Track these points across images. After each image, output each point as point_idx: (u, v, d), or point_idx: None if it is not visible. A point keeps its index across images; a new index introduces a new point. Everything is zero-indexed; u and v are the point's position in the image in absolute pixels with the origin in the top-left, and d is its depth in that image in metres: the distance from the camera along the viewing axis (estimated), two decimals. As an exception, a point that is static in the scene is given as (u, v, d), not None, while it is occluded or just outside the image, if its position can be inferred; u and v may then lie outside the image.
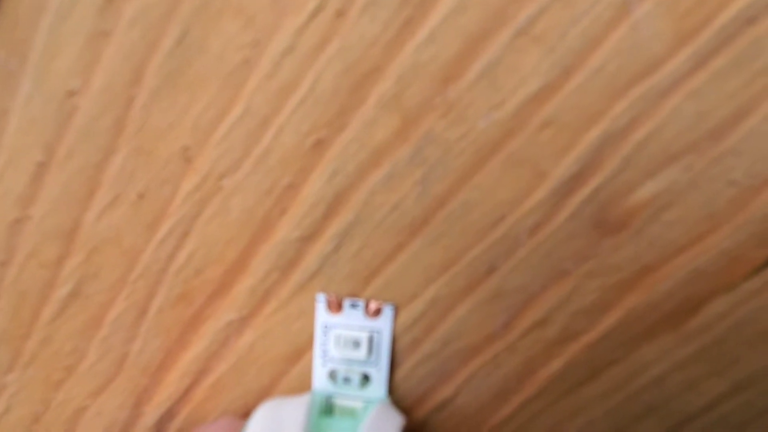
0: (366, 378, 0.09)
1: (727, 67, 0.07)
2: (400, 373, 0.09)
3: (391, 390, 0.09)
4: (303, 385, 0.09)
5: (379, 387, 0.09)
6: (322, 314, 0.09)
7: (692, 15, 0.07)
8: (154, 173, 0.08)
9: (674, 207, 0.08)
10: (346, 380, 0.09)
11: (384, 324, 0.09)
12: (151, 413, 0.10)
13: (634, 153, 0.07)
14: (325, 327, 0.09)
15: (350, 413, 0.09)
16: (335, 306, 0.09)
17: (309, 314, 0.09)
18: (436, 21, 0.07)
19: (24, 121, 0.09)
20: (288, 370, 0.09)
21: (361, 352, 0.09)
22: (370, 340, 0.09)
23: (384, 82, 0.07)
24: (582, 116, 0.07)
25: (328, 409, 0.09)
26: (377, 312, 0.09)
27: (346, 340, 0.09)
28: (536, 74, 0.07)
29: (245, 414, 0.09)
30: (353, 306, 0.09)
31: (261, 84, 0.08)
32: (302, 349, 0.09)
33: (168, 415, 0.10)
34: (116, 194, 0.09)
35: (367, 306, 0.09)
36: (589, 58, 0.07)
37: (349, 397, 0.09)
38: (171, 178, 0.08)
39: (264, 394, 0.09)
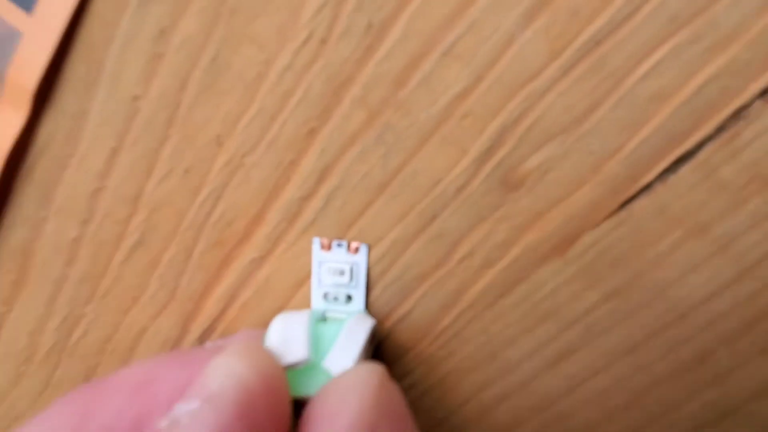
0: (349, 297, 0.12)
1: (584, 74, 0.10)
2: (373, 294, 0.12)
3: (367, 306, 0.12)
4: (305, 305, 0.12)
5: (358, 304, 0.12)
6: (317, 253, 0.11)
7: (559, 39, 0.09)
8: (195, 154, 0.11)
9: (553, 171, 0.10)
10: (335, 299, 0.11)
11: (361, 258, 0.11)
12: (195, 330, 0.13)
13: (524, 134, 0.10)
14: (320, 262, 0.11)
15: (338, 321, 0.11)
16: (326, 246, 0.11)
17: (308, 253, 0.12)
18: (389, 45, 0.10)
19: (100, 118, 0.11)
20: (294, 294, 0.12)
21: (345, 279, 0.11)
22: (351, 270, 0.11)
23: (354, 88, 0.10)
24: (489, 109, 0.10)
25: (322, 319, 0.12)
26: (356, 250, 0.11)
27: (334, 270, 0.11)
28: (457, 81, 0.10)
29: (265, 326, 0.12)
30: (339, 246, 0.11)
31: (270, 90, 0.10)
32: (304, 278, 0.12)
33: (208, 331, 0.13)
34: (169, 169, 0.11)
35: (348, 246, 0.11)
36: (493, 69, 0.10)
37: (337, 312, 0.12)
38: (208, 157, 0.11)
39: (278, 311, 0.12)
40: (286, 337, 0.10)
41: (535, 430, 0.13)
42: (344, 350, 0.10)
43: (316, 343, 0.10)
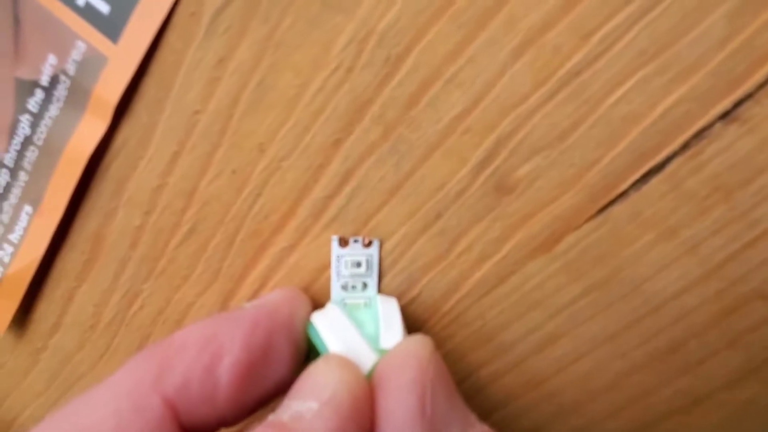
0: (365, 285, 0.13)
1: (565, 99, 0.11)
2: (385, 281, 0.13)
3: (380, 292, 0.13)
4: (327, 286, 0.13)
5: (373, 290, 0.13)
6: (335, 249, 0.12)
7: (544, 70, 0.11)
8: (242, 158, 0.12)
9: (541, 179, 0.11)
10: (353, 287, 0.13)
11: (374, 251, 0.12)
12: (233, 306, 0.15)
13: (515, 147, 0.11)
14: (338, 257, 0.13)
15: (357, 306, 0.13)
16: (344, 243, 0.13)
17: (330, 244, 0.13)
18: (402, 74, 0.11)
19: (166, 128, 0.13)
20: (318, 278, 0.13)
21: (362, 269, 0.12)
22: (367, 262, 0.13)
23: (374, 107, 0.11)
24: (486, 126, 0.11)
25: (344, 306, 0.12)
26: (370, 244, 0.12)
27: (352, 263, 0.12)
28: (459, 103, 0.11)
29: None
30: (355, 241, 0.12)
31: (304, 108, 0.12)
32: (326, 265, 0.13)
33: (244, 308, 0.15)
34: (219, 170, 0.13)
35: (363, 241, 0.12)
36: (488, 94, 0.11)
37: (355, 298, 0.13)
38: (252, 161, 0.12)
39: (304, 292, 0.13)
40: (348, 345, 0.10)
41: (526, 405, 0.14)
42: (390, 329, 0.11)
43: (360, 327, 0.11)
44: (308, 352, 0.12)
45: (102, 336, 0.16)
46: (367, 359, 0.11)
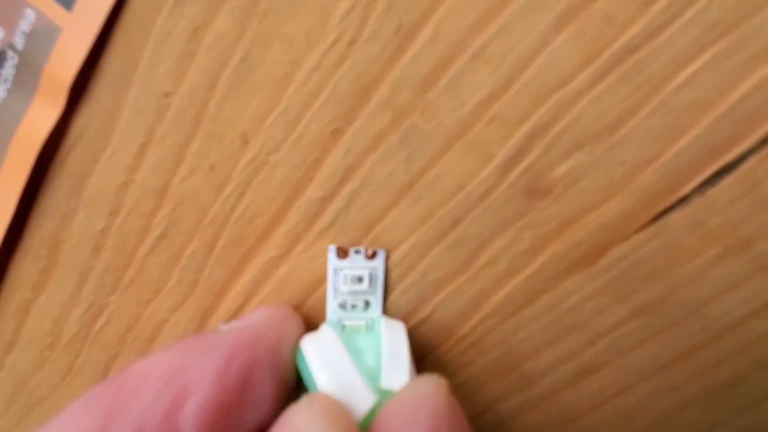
0: (367, 303, 0.12)
1: (618, 81, 0.09)
2: (391, 298, 0.12)
3: (385, 311, 0.12)
4: (322, 304, 0.12)
5: (376, 309, 0.12)
6: (333, 261, 0.11)
7: (592, 45, 0.09)
8: (221, 151, 0.11)
9: (582, 180, 0.10)
10: (353, 306, 0.11)
11: (379, 264, 0.11)
12: (213, 325, 0.13)
13: (553, 141, 0.10)
14: (336, 270, 0.11)
15: (357, 329, 0.11)
16: (343, 253, 0.11)
17: (326, 254, 0.12)
18: (417, 47, 0.10)
19: (132, 113, 0.11)
20: (312, 293, 0.12)
21: (364, 285, 0.11)
22: (370, 276, 0.11)
23: (381, 89, 0.10)
24: (517, 115, 0.10)
25: (341, 329, 0.11)
26: (374, 255, 0.11)
27: (352, 278, 0.11)
28: (485, 85, 0.10)
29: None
30: (356, 252, 0.11)
31: (296, 90, 0.10)
32: (322, 279, 0.12)
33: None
34: (195, 165, 0.11)
35: (366, 252, 0.11)
36: (522, 74, 0.10)
37: (354, 318, 0.11)
38: (233, 154, 0.11)
39: (295, 309, 0.12)
40: (342, 382, 0.09)
41: (553, 447, 0.12)
42: (395, 364, 0.10)
43: (356, 356, 0.10)
44: (298, 382, 0.10)
45: (63, 355, 0.14)
46: (363, 401, 0.09)
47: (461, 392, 0.12)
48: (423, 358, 0.12)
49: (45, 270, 0.13)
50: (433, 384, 0.09)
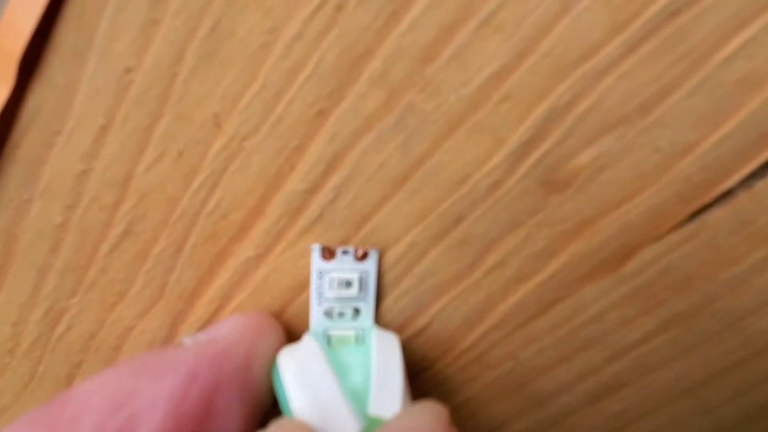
0: (357, 311, 0.11)
1: (654, 53, 0.08)
2: (385, 305, 0.11)
3: (377, 320, 0.11)
4: (306, 311, 0.11)
5: (367, 318, 0.11)
6: (317, 262, 0.10)
7: (625, 8, 0.08)
8: (191, 135, 0.10)
9: (609, 170, 0.09)
10: (341, 315, 0.10)
11: (370, 266, 0.10)
12: (184, 332, 0.12)
13: (575, 124, 0.09)
14: (320, 273, 0.10)
15: (345, 341, 0.10)
16: (329, 254, 0.10)
17: (309, 256, 0.11)
18: (416, 13, 0.08)
19: (90, 91, 0.10)
20: (295, 298, 0.11)
21: (353, 291, 0.10)
22: (360, 280, 0.10)
23: (374, 62, 0.09)
24: (533, 92, 0.09)
25: (327, 340, 0.10)
26: (365, 256, 0.10)
27: (339, 282, 0.10)
28: (496, 57, 0.09)
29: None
30: (344, 252, 0.10)
31: (275, 64, 0.09)
32: (305, 282, 0.11)
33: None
34: (161, 151, 0.10)
35: (356, 252, 0.10)
36: (539, 45, 0.08)
37: (342, 328, 0.10)
38: (204, 139, 0.10)
39: (276, 317, 0.11)
40: (322, 405, 0.08)
41: (566, 475, 0.11)
42: (385, 386, 0.08)
43: (341, 374, 0.09)
44: (274, 402, 0.09)
45: (23, 362, 0.13)
46: (346, 430, 0.08)
47: (462, 413, 0.11)
48: (419, 374, 0.11)
49: (0, 268, 0.12)
50: (429, 414, 0.08)
